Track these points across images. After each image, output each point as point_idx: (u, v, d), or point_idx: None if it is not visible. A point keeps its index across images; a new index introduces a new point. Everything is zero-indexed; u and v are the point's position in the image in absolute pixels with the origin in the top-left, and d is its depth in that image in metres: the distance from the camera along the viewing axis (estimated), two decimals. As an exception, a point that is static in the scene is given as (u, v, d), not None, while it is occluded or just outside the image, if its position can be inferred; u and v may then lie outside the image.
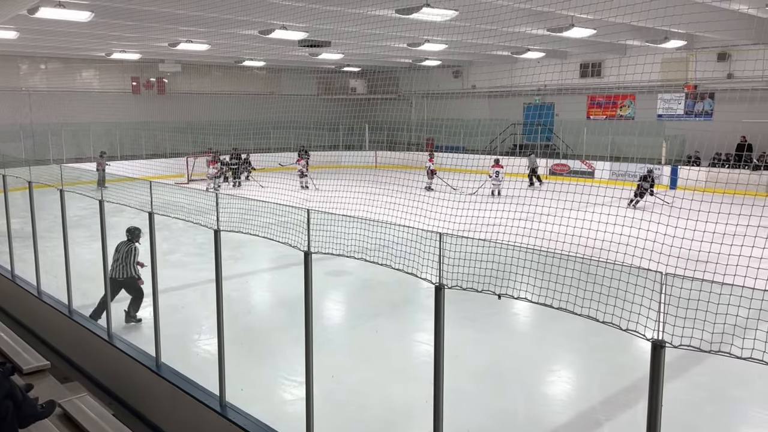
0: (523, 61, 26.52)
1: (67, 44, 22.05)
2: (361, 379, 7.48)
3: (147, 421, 6.90)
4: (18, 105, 25.68)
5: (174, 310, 9.48)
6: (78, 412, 5.95)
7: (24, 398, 5.01)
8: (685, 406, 6.69)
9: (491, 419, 6.60)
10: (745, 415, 6.80)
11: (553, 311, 3.80)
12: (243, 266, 12.35)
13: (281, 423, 5.73)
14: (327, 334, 8.76)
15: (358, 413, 6.72)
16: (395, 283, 9.93)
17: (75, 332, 8.44)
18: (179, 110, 28.23)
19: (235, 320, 9.31)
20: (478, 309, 9.30)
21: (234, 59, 28.20)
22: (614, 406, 6.82)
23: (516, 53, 24.04)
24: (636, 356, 7.53)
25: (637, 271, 3.62)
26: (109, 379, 7.70)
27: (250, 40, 20.48)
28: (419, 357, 7.86)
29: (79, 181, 9.77)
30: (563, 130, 27.69)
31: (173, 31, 18.96)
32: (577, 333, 8.47)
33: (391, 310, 9.99)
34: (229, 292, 10.47)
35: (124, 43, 22.39)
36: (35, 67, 27.57)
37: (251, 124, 27.29)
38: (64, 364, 8.38)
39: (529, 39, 20.20)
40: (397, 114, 31.56)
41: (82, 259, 10.99)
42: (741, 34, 19.27)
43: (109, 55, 25.71)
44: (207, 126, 27.46)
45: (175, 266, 12.28)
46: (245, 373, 7.21)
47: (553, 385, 7.61)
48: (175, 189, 7.74)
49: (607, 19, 13.73)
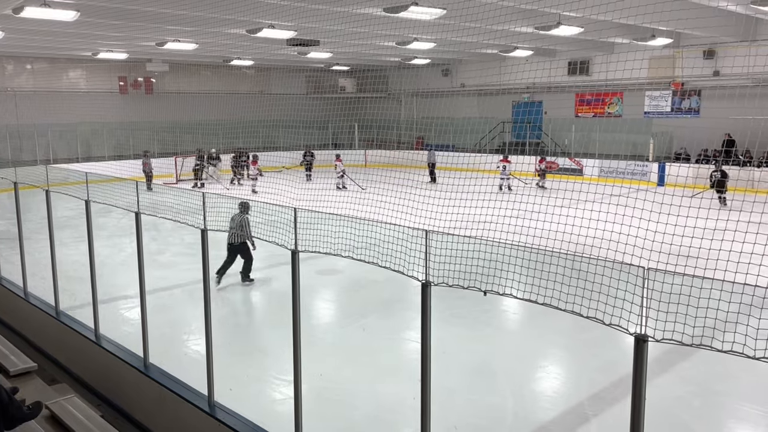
0: (512, 60, 26.60)
1: (53, 44, 21.88)
2: (350, 378, 7.48)
3: (135, 422, 6.87)
4: (4, 105, 25.45)
5: (162, 311, 9.45)
6: (65, 414, 5.92)
7: (10, 400, 4.96)
8: (673, 401, 6.74)
9: (480, 416, 6.62)
10: (731, 409, 6.86)
11: (541, 308, 3.83)
12: (232, 266, 12.30)
13: (270, 422, 5.73)
14: (316, 333, 8.76)
15: (348, 411, 6.73)
16: (385, 281, 9.93)
17: (62, 334, 8.39)
18: (167, 110, 28.10)
19: (223, 320, 9.29)
20: (467, 306, 9.33)
21: (222, 58, 28.10)
22: (602, 401, 6.86)
23: (504, 51, 24.12)
24: (624, 351, 7.57)
25: (620, 266, 3.65)
26: (97, 380, 7.66)
27: (237, 39, 20.40)
28: (408, 355, 7.86)
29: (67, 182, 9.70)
30: (552, 128, 27.81)
31: (160, 30, 18.86)
32: (566, 329, 8.51)
33: (381, 308, 10.00)
34: (217, 292, 10.47)
35: (110, 42, 22.25)
36: (21, 67, 27.35)
37: (240, 123, 27.21)
38: (52, 366, 8.33)
39: (517, 37, 20.25)
40: (386, 112, 31.56)
41: (70, 260, 10.91)
42: (727, 32, 19.45)
43: (96, 55, 25.54)
44: (196, 126, 27.36)
45: (163, 266, 12.22)
46: (234, 373, 7.19)
47: (542, 381, 7.65)
48: (164, 189, 7.71)
49: (594, 16, 13.79)
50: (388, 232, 5.12)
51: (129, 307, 9.68)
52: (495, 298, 4.63)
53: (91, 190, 8.12)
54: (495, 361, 8.11)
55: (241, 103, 29.06)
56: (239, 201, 10.06)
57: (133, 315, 8.95)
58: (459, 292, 4.30)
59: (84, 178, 8.28)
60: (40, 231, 10.81)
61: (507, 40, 21.16)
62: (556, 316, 4.23)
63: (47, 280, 9.07)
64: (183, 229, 10.71)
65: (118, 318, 9.28)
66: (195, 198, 6.66)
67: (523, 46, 23.27)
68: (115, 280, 10.73)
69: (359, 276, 11.18)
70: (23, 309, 9.43)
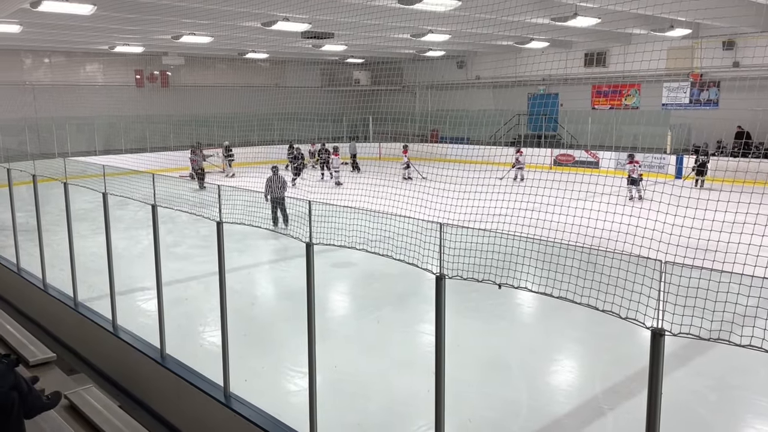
0: (527, 51, 26.37)
1: (70, 38, 22.08)
2: (364, 370, 7.50)
3: (152, 412, 6.95)
4: (22, 99, 25.75)
5: (178, 303, 9.54)
6: (84, 404, 6.01)
7: (30, 390, 5.04)
8: (690, 395, 6.69)
9: (494, 409, 6.62)
10: (749, 404, 6.79)
11: (556, 301, 3.80)
12: (247, 258, 12.38)
13: (285, 414, 5.77)
14: (331, 326, 8.79)
15: (362, 403, 6.75)
16: (400, 274, 9.93)
17: (80, 325, 8.49)
18: (183, 103, 28.26)
19: (239, 312, 9.35)
20: (481, 299, 9.31)
21: (237, 51, 28.17)
22: (617, 395, 6.82)
23: (520, 43, 23.91)
24: (639, 345, 7.49)
25: (637, 259, 3.61)
26: (115, 370, 7.76)
27: (252, 32, 20.44)
28: (422, 347, 7.88)
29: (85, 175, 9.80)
30: (568, 120, 27.56)
31: (175, 23, 18.94)
32: (580, 323, 8.47)
33: (396, 301, 10.01)
34: (233, 284, 10.51)
35: (126, 36, 22.38)
36: (39, 61, 27.62)
37: (255, 116, 27.30)
38: (70, 356, 8.44)
39: (532, 28, 20.08)
40: (400, 105, 31.47)
41: (88, 252, 11.03)
42: (747, 22, 19.09)
43: (113, 49, 25.71)
44: (211, 119, 27.48)
45: (179, 259, 12.33)
46: (249, 365, 7.24)
47: (557, 375, 7.62)
48: (179, 181, 7.75)
49: (611, 7, 13.64)
50: (403, 225, 5.12)
51: (146, 298, 9.78)
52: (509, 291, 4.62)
53: (108, 182, 8.19)
54: (509, 355, 8.09)
55: (256, 96, 29.14)
56: (271, 165, 13.84)
57: (149, 306, 9.04)
58: (473, 286, 4.29)
59: (101, 171, 8.35)
60: (58, 223, 10.95)
61: (522, 32, 20.99)
62: (572, 310, 4.20)
63: (66, 271, 9.18)
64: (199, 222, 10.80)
65: (135, 309, 9.38)
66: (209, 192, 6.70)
67: (539, 37, 23.03)
68: (132, 272, 10.84)
69: (373, 269, 11.20)
70: (42, 300, 9.56)
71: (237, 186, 6.80)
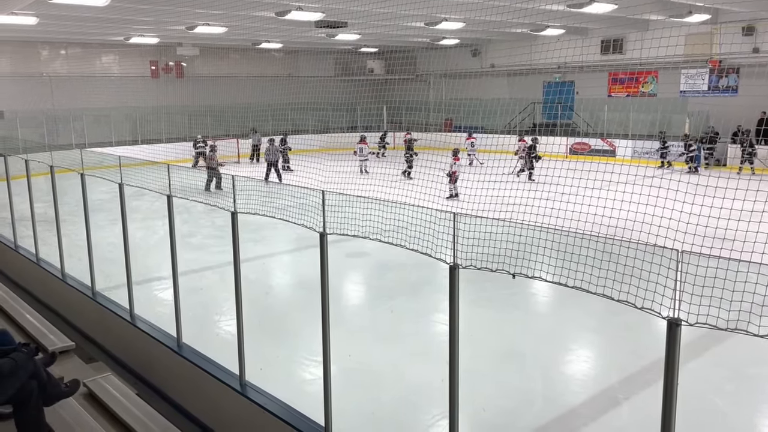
0: (543, 39, 26.07)
1: (85, 29, 22.21)
2: (378, 359, 7.53)
3: (169, 399, 7.03)
4: (40, 90, 26.00)
5: (194, 292, 9.62)
6: (102, 392, 6.08)
7: (48, 378, 5.12)
8: (706, 385, 6.64)
9: (508, 398, 6.61)
10: (766, 394, 6.73)
11: (571, 291, 3.78)
12: (262, 248, 12.44)
13: (300, 402, 5.80)
14: (345, 315, 8.82)
15: (376, 392, 6.78)
16: (414, 264, 9.92)
17: (98, 313, 8.60)
18: (198, 94, 28.34)
19: (254, 301, 9.40)
20: (495, 289, 9.29)
21: (251, 41, 28.17)
22: (633, 385, 6.79)
23: (535, 30, 23.66)
24: (656, 335, 7.42)
25: (653, 248, 3.57)
26: (133, 359, 7.85)
27: (266, 22, 20.41)
28: (437, 337, 7.86)
29: (102, 166, 9.89)
30: (584, 108, 27.28)
31: (189, 13, 18.98)
32: (596, 312, 8.42)
33: (409, 291, 10.01)
34: (247, 274, 10.58)
35: (141, 27, 22.46)
36: (55, 53, 27.83)
37: (269, 106, 27.33)
38: (89, 345, 8.55)
39: (548, 15, 19.84)
40: (415, 94, 31.31)
41: (105, 242, 11.15)
42: (767, 7, 18.73)
43: (128, 40, 25.84)
44: (226, 109, 27.55)
45: (195, 249, 12.42)
46: (264, 354, 7.30)
47: (571, 365, 7.59)
48: (194, 172, 7.78)
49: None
50: (416, 214, 5.11)
51: (162, 288, 9.88)
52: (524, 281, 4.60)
53: (125, 173, 8.25)
54: (524, 344, 8.07)
55: (270, 86, 29.16)
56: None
57: (166, 296, 9.12)
58: (487, 275, 4.27)
59: (117, 162, 8.41)
60: (75, 213, 11.07)
61: (538, 19, 20.72)
62: (587, 300, 4.17)
63: (83, 261, 9.29)
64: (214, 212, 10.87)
65: (152, 299, 9.48)
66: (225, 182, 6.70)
67: (555, 24, 22.77)
68: (149, 262, 10.94)
69: (387, 259, 11.20)
70: (61, 289, 9.69)
71: (251, 177, 6.82)
